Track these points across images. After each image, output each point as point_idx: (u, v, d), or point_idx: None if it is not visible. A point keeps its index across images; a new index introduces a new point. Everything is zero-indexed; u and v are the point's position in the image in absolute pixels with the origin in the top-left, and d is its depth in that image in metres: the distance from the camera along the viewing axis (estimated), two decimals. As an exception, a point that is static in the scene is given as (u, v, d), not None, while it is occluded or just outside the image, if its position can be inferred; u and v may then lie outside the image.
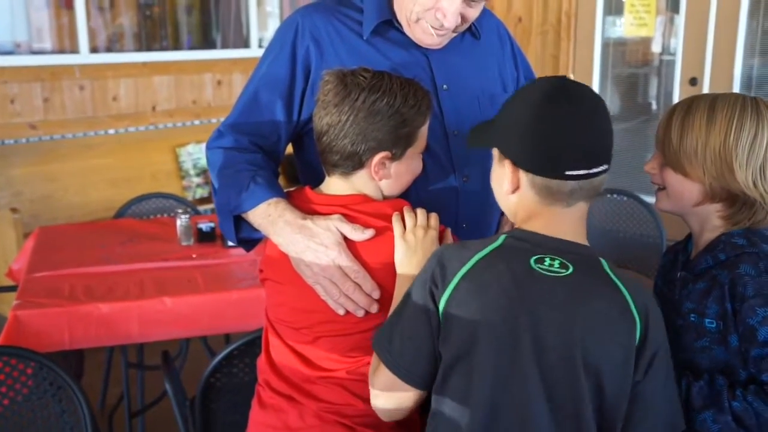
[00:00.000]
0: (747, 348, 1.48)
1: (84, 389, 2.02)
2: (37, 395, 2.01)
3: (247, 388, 1.79)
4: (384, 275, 1.53)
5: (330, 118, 1.54)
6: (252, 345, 2.14)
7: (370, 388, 1.45)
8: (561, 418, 1.31)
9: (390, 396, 1.42)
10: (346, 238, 1.53)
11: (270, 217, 1.59)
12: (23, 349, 2.08)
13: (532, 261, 1.35)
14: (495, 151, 1.45)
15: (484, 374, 1.32)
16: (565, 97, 1.36)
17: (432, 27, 1.68)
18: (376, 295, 1.53)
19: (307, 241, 1.53)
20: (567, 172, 1.34)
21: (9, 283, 3.31)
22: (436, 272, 1.37)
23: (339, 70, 1.57)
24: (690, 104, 1.58)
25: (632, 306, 1.34)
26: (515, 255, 1.36)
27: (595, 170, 1.35)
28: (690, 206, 1.60)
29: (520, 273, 1.34)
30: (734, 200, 1.55)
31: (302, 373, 1.59)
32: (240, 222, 1.68)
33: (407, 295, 1.41)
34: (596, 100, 1.39)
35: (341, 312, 1.53)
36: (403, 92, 1.53)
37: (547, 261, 1.35)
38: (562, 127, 1.35)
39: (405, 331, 1.39)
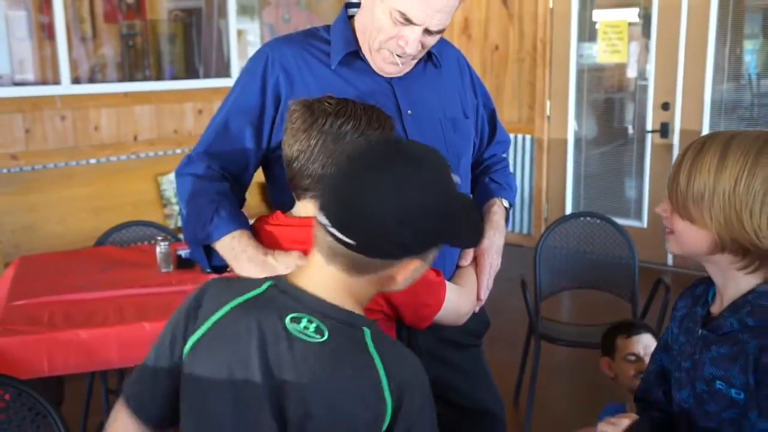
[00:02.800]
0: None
1: (63, 417, 2.00)
2: (16, 422, 1.98)
3: None
4: None
5: (299, 144, 1.58)
6: None
7: None
8: None
9: (116, 424, 1.36)
10: None
11: (233, 251, 1.63)
12: (1, 376, 2.05)
13: (287, 319, 1.24)
14: None
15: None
16: (366, 158, 1.25)
17: (395, 54, 1.73)
18: None
19: None
20: (319, 216, 1.25)
21: None
22: (191, 308, 1.31)
23: (305, 99, 1.61)
24: (703, 143, 1.44)
25: (385, 384, 1.22)
26: (271, 309, 1.26)
27: (333, 230, 1.22)
28: (701, 254, 1.47)
29: (269, 330, 1.24)
30: (746, 252, 1.41)
31: None
32: (211, 250, 1.71)
33: (165, 327, 1.35)
34: (399, 179, 1.21)
35: None
36: (367, 115, 1.58)
37: (304, 322, 1.24)
38: (340, 177, 1.25)
39: (147, 360, 1.34)
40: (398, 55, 1.74)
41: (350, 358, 1.24)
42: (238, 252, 1.62)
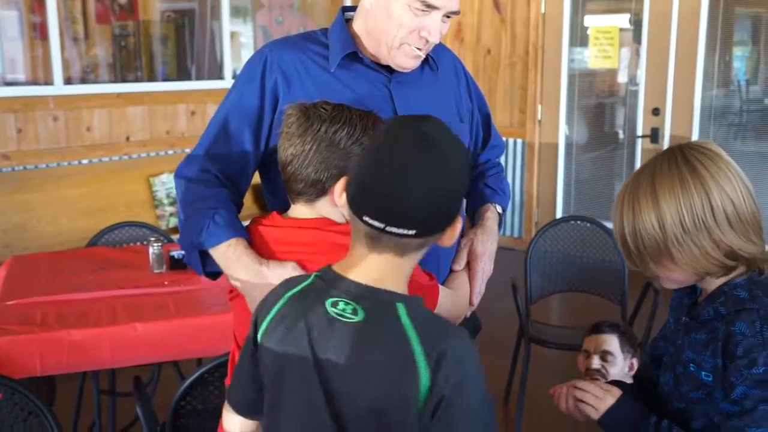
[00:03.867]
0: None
1: (55, 415, 2.02)
2: (9, 421, 2.00)
3: (217, 411, 1.76)
4: None
5: (294, 148, 1.58)
6: (222, 368, 2.14)
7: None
8: None
9: (225, 420, 1.51)
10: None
11: (228, 260, 1.64)
12: None
13: (328, 303, 1.34)
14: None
15: (287, 409, 1.38)
16: (398, 142, 1.30)
17: (416, 48, 1.76)
18: None
19: (263, 288, 1.55)
20: (365, 218, 1.30)
21: None
22: (261, 305, 1.43)
23: (301, 103, 1.61)
24: (633, 195, 1.50)
25: (419, 353, 1.26)
26: (317, 296, 1.36)
27: (391, 229, 1.28)
28: (697, 281, 1.55)
29: (316, 316, 1.34)
30: (732, 268, 1.49)
31: None
32: (206, 255, 1.72)
33: None
34: (435, 162, 1.28)
35: None
36: (362, 123, 1.58)
37: (341, 305, 1.33)
38: (375, 176, 1.30)
39: (239, 364, 1.48)
40: (418, 48, 1.77)
41: (383, 334, 1.30)
42: (233, 260, 1.63)
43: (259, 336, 1.40)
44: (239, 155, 1.81)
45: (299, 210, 1.65)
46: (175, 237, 4.27)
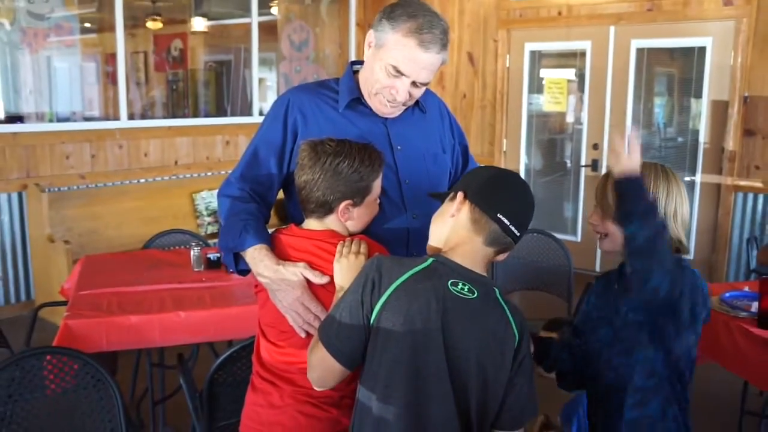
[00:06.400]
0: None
1: (117, 383, 2.02)
2: (82, 386, 2.00)
3: (243, 382, 1.78)
4: None
5: (306, 176, 1.60)
6: (247, 348, 2.12)
7: (308, 364, 1.46)
8: (457, 399, 1.37)
9: (323, 368, 1.43)
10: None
11: (254, 260, 1.64)
12: (71, 350, 2.08)
13: (449, 283, 1.38)
14: (450, 196, 1.49)
15: (405, 363, 1.36)
16: (517, 178, 1.47)
17: (387, 100, 1.76)
18: None
19: (280, 283, 1.58)
20: (498, 215, 1.39)
21: (61, 299, 3.27)
22: (375, 277, 1.39)
23: (312, 140, 1.62)
24: (606, 177, 1.63)
25: (513, 324, 1.40)
26: (438, 276, 1.39)
27: (513, 228, 1.41)
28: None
29: (439, 291, 1.37)
30: None
31: (281, 364, 1.62)
32: (238, 256, 1.72)
33: (347, 292, 1.43)
34: (531, 195, 1.47)
35: (303, 335, 1.58)
36: (360, 155, 1.59)
37: (460, 285, 1.39)
38: (510, 188, 1.44)
39: (343, 319, 1.40)
40: (389, 101, 1.76)
41: (492, 307, 1.41)
42: (257, 261, 1.63)
43: (378, 305, 1.37)
44: (267, 177, 1.80)
45: (311, 223, 1.66)
46: (212, 242, 4.26)
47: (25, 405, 1.93)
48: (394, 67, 1.69)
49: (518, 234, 1.42)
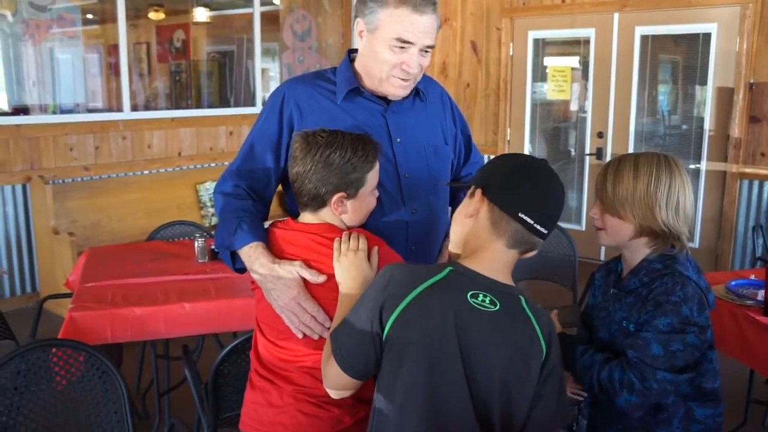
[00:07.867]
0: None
1: (123, 374, 2.01)
2: (88, 378, 1.99)
3: (248, 374, 1.76)
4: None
5: (298, 168, 1.55)
6: (252, 341, 2.09)
7: (322, 374, 1.41)
8: (478, 416, 1.29)
9: (338, 383, 1.38)
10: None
11: (250, 258, 1.60)
12: (77, 342, 2.06)
13: (468, 295, 1.28)
14: (470, 192, 1.39)
15: (422, 381, 1.28)
16: (543, 167, 1.34)
17: (401, 78, 1.71)
18: (328, 324, 1.51)
19: (275, 282, 1.55)
20: (520, 214, 1.28)
21: (66, 291, 3.26)
22: (387, 291, 1.30)
23: (304, 131, 1.58)
24: (618, 163, 1.62)
25: (540, 335, 1.30)
26: (456, 288, 1.30)
27: (539, 227, 1.29)
28: (625, 241, 1.63)
29: (457, 304, 1.28)
30: (657, 234, 1.59)
31: (279, 362, 1.59)
32: (235, 254, 1.68)
33: (359, 303, 1.36)
34: (561, 184, 1.35)
35: (300, 336, 1.54)
36: (353, 146, 1.53)
37: (480, 297, 1.29)
38: (534, 180, 1.32)
39: (353, 336, 1.33)
40: (402, 79, 1.71)
41: (516, 319, 1.30)
42: (253, 259, 1.60)
43: (390, 319, 1.28)
44: (263, 173, 1.78)
45: (306, 217, 1.62)
46: (217, 233, 4.26)
47: (30, 397, 1.92)
48: (398, 40, 1.66)
49: (546, 231, 1.31)
